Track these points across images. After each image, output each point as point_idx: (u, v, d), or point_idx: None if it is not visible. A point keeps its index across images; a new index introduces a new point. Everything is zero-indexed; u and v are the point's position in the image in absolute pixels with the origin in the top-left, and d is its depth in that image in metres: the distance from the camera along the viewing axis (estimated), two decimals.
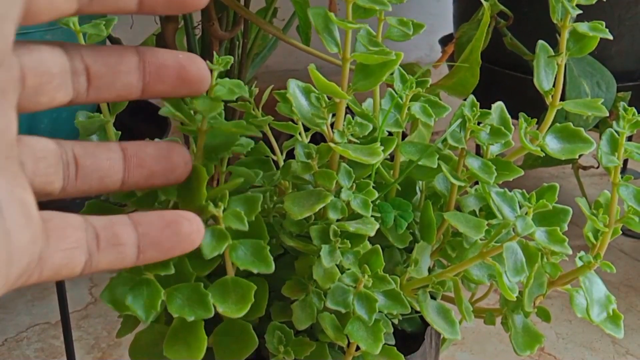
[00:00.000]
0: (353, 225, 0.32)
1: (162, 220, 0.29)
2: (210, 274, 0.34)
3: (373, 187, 0.34)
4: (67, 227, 0.27)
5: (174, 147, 0.31)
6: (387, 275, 0.33)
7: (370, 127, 0.34)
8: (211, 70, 0.31)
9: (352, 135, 0.33)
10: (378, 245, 0.33)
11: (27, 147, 0.27)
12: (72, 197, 0.30)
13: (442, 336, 0.43)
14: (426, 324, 0.40)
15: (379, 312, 0.33)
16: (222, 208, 0.31)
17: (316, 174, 0.33)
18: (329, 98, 0.33)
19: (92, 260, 0.27)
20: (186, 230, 0.29)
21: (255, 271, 0.31)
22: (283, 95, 0.41)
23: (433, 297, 0.38)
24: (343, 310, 0.33)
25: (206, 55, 0.82)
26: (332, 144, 0.32)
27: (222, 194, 0.31)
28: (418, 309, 0.36)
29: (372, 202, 0.33)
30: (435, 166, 0.36)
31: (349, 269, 0.33)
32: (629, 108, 0.36)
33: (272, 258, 0.31)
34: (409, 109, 0.36)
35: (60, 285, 0.72)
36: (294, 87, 0.34)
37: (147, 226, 0.29)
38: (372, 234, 0.32)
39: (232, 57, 0.33)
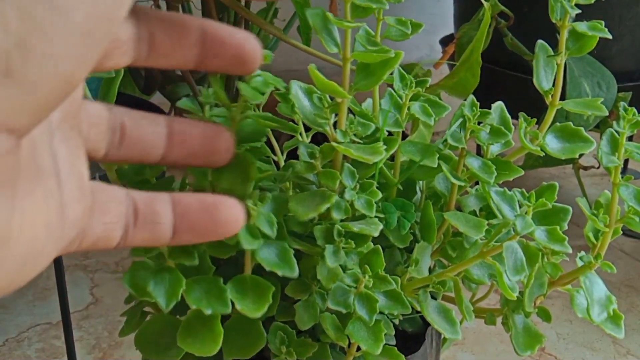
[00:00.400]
0: (357, 226, 0.33)
1: (202, 204, 0.28)
2: (222, 264, 0.34)
3: (376, 187, 0.34)
4: (111, 200, 0.27)
5: (220, 132, 0.31)
6: (388, 275, 0.33)
7: (373, 126, 0.34)
8: None
9: (354, 135, 0.33)
10: (379, 246, 0.33)
11: (83, 112, 0.27)
12: (109, 162, 0.31)
13: (442, 336, 0.43)
14: (427, 324, 0.40)
15: (380, 312, 0.33)
16: (258, 207, 0.31)
17: (320, 174, 0.33)
18: (331, 98, 0.33)
19: (127, 235, 0.27)
20: (225, 217, 0.28)
21: (280, 273, 0.31)
22: (284, 96, 0.41)
23: (434, 297, 0.38)
24: (344, 311, 0.33)
25: None
26: (334, 144, 0.32)
27: (254, 193, 0.31)
28: (419, 309, 0.36)
29: (375, 202, 0.33)
30: (436, 166, 0.36)
31: (350, 269, 0.33)
32: (629, 108, 0.36)
33: (295, 261, 0.31)
34: (408, 108, 0.36)
35: (61, 286, 0.73)
36: (296, 88, 0.34)
37: (186, 207, 0.28)
38: (376, 234, 0.33)
39: None
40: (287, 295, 0.35)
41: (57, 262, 0.71)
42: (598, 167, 1.01)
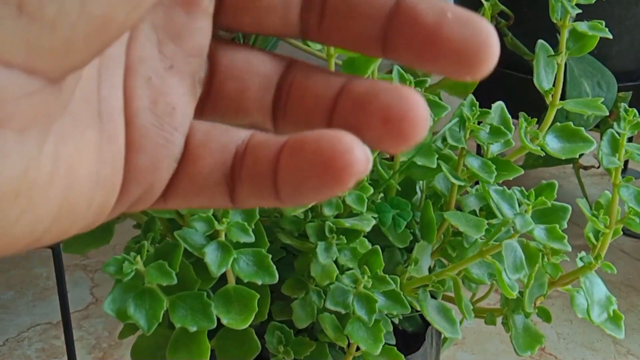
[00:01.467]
0: (349, 221, 0.33)
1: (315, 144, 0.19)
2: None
3: (369, 183, 0.34)
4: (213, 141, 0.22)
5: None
6: (387, 275, 0.33)
7: None
8: None
9: None
10: (377, 246, 0.33)
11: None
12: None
13: (442, 336, 0.43)
14: (427, 324, 0.40)
15: (379, 312, 0.33)
16: (226, 221, 0.30)
17: None
18: None
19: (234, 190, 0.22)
20: (340, 165, 0.19)
21: (259, 282, 0.31)
22: None
23: (433, 297, 0.38)
24: (343, 311, 0.33)
25: None
26: None
27: (223, 212, 0.31)
28: (418, 308, 0.36)
29: (368, 199, 0.33)
30: (435, 166, 0.36)
31: (348, 269, 0.33)
32: (630, 109, 0.36)
33: (274, 267, 0.31)
34: None
35: (61, 286, 0.72)
36: None
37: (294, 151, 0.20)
38: (368, 229, 0.33)
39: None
40: (284, 294, 0.35)
41: (57, 262, 0.71)
42: (598, 167, 1.01)
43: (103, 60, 0.20)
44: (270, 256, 0.31)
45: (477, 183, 0.38)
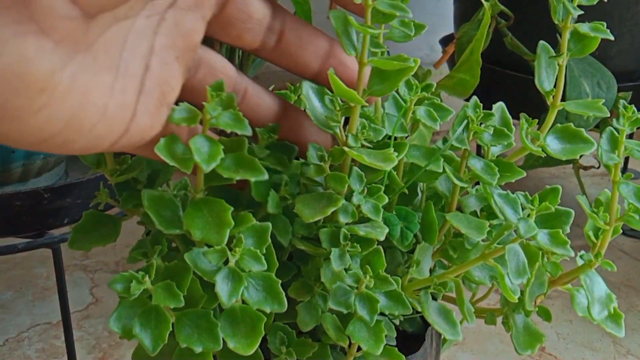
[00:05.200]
0: (363, 229, 0.32)
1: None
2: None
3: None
4: None
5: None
6: (389, 276, 0.33)
7: (384, 132, 0.34)
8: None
9: (365, 139, 0.33)
10: (380, 246, 0.33)
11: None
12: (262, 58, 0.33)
13: (443, 336, 0.43)
14: (427, 324, 0.40)
15: (381, 313, 0.33)
16: (238, 250, 0.29)
17: (328, 177, 0.33)
18: (342, 101, 0.33)
19: None
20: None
21: (267, 310, 0.30)
22: (285, 95, 0.41)
23: (434, 297, 0.38)
24: (345, 311, 0.33)
25: None
26: (346, 149, 0.32)
27: (237, 238, 0.30)
28: (419, 309, 0.36)
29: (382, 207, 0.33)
30: (441, 170, 0.36)
31: (351, 270, 0.33)
32: (629, 105, 0.36)
33: (284, 294, 0.30)
34: (413, 112, 0.36)
35: (61, 286, 0.73)
36: (308, 89, 0.33)
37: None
38: (382, 238, 0.32)
39: (233, 58, 0.33)
40: (288, 296, 0.35)
41: (57, 262, 0.71)
42: (598, 167, 1.01)
43: (131, 33, 0.25)
44: (280, 282, 0.31)
45: (477, 183, 0.38)
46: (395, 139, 0.36)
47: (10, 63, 0.21)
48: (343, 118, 0.33)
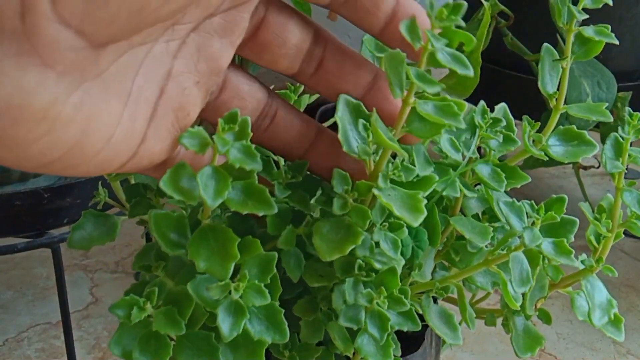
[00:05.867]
0: (379, 263, 0.31)
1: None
2: None
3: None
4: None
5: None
6: (402, 297, 0.32)
7: (416, 172, 0.31)
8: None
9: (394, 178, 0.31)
10: (394, 266, 0.32)
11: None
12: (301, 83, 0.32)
13: None
14: (426, 324, 0.40)
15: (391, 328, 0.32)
16: (243, 284, 0.28)
17: (351, 211, 0.31)
18: None
19: None
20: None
21: (269, 340, 0.29)
22: (285, 95, 0.41)
23: (434, 300, 0.38)
24: (355, 328, 0.32)
25: None
26: (376, 192, 0.30)
27: (242, 273, 0.29)
28: (420, 312, 0.36)
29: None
30: (458, 195, 0.35)
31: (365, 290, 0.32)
32: (635, 113, 0.36)
33: (286, 324, 0.30)
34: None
35: (61, 286, 0.72)
36: (344, 108, 0.30)
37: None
38: (399, 272, 0.32)
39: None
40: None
41: (57, 262, 0.71)
42: (598, 167, 1.01)
43: (147, 58, 0.24)
44: (284, 311, 0.30)
45: (478, 184, 0.38)
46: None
47: (9, 94, 0.21)
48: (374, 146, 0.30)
